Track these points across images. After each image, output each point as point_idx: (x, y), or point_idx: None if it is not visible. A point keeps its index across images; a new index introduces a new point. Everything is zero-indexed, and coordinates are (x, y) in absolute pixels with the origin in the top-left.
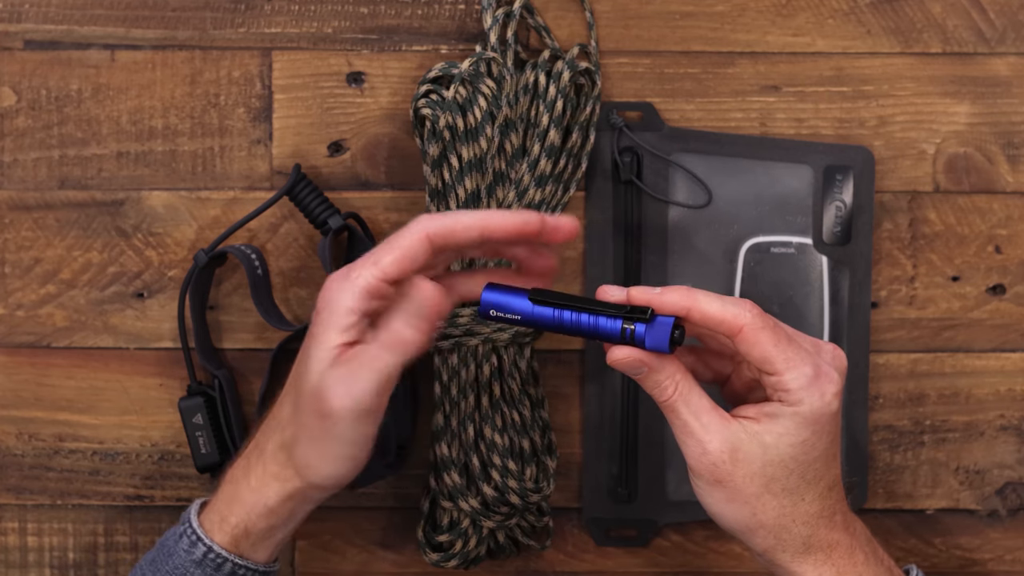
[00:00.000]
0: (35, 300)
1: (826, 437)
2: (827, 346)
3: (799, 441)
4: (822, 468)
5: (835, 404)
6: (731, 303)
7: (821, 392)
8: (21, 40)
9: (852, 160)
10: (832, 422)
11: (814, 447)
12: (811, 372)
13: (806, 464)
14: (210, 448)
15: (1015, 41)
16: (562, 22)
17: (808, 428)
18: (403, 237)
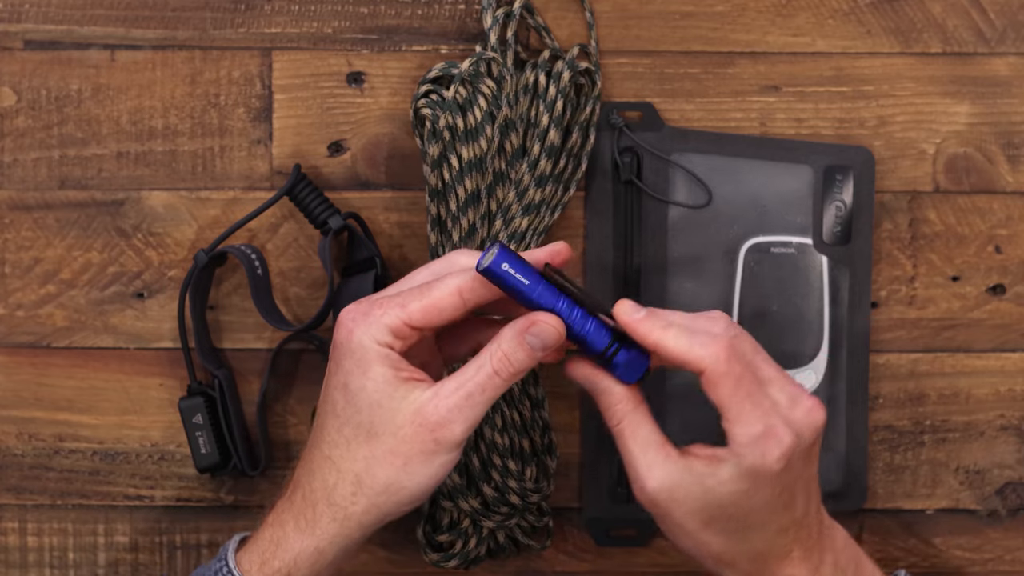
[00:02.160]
0: (35, 300)
1: (768, 490)
2: (805, 402)
3: (737, 490)
4: (767, 515)
5: (777, 465)
6: (700, 344)
7: (763, 452)
8: (21, 40)
9: (852, 160)
10: (775, 480)
11: (753, 497)
12: (759, 431)
13: (747, 511)
14: (210, 448)
15: (1015, 41)
16: (562, 22)
17: (747, 480)
18: (436, 288)
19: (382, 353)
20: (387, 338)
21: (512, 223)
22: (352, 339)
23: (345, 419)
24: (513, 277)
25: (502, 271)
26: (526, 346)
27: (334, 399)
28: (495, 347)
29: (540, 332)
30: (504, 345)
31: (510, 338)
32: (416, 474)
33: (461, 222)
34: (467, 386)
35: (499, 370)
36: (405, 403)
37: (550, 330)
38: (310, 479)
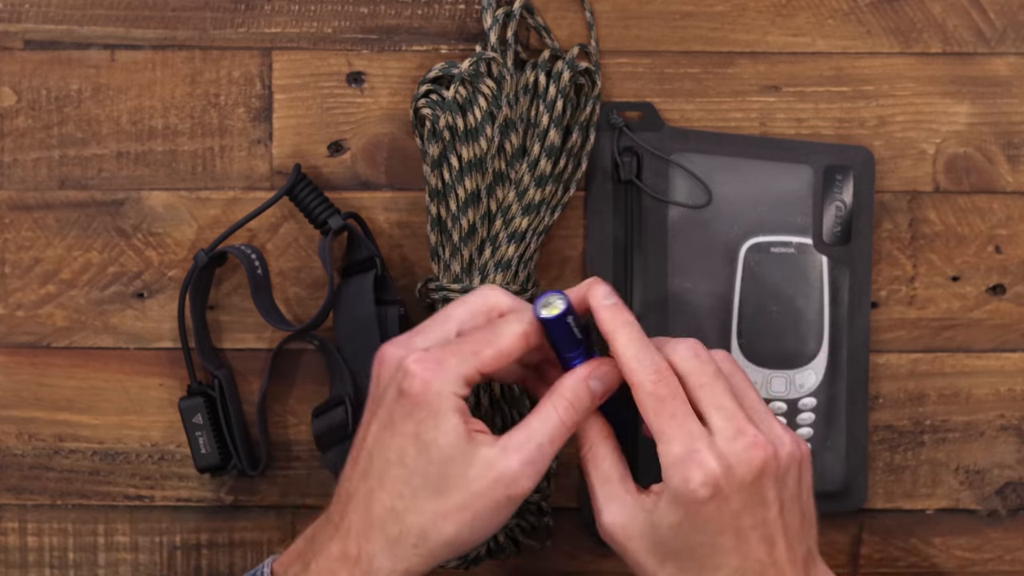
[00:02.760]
0: (35, 300)
1: (706, 525)
2: (751, 438)
3: (674, 522)
4: (714, 555)
5: (702, 492)
6: (641, 356)
7: (684, 476)
8: (21, 40)
9: (852, 160)
10: (707, 511)
11: (692, 532)
12: (679, 453)
13: (692, 547)
14: (210, 448)
15: (1015, 41)
16: (562, 22)
17: (679, 510)
18: (504, 334)
19: (458, 405)
20: (462, 389)
21: (512, 223)
22: (429, 390)
23: (414, 470)
24: (571, 329)
25: (565, 323)
26: (589, 392)
27: (402, 448)
28: (557, 398)
29: (603, 376)
30: (568, 394)
31: (573, 386)
32: (482, 529)
33: (461, 222)
34: (536, 439)
35: (566, 420)
36: (476, 457)
37: (613, 373)
38: (367, 529)
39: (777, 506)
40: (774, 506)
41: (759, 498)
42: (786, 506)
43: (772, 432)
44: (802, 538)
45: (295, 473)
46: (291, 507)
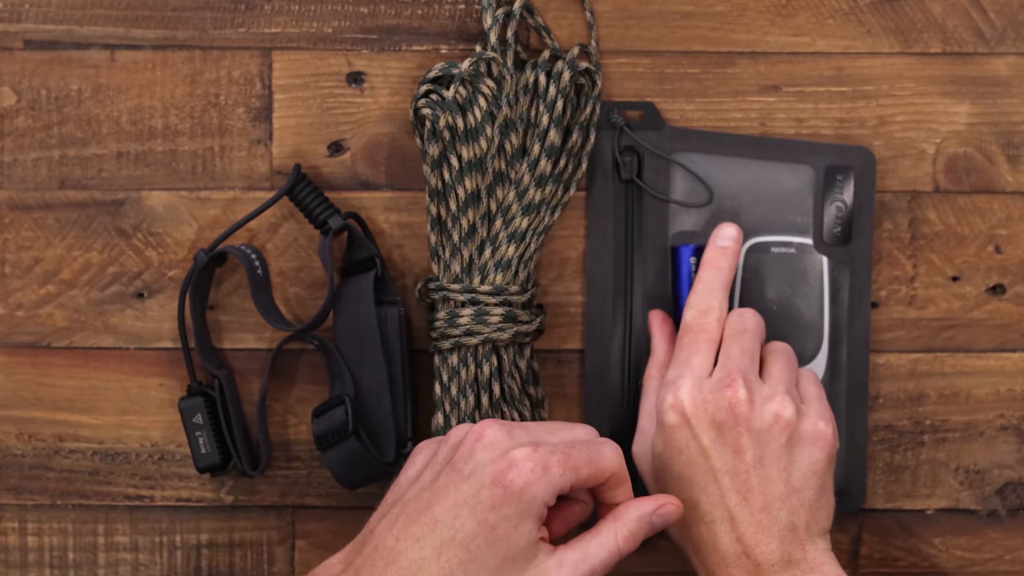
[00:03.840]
0: (35, 300)
1: (681, 455)
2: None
3: (660, 450)
4: (689, 487)
5: (669, 416)
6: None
7: (662, 396)
8: (21, 40)
9: (852, 160)
10: (681, 443)
11: (671, 460)
12: (671, 376)
13: (674, 476)
14: (210, 448)
15: (1015, 41)
16: (562, 22)
17: (660, 436)
18: (604, 457)
19: (543, 514)
20: (553, 500)
21: (512, 223)
22: (529, 491)
23: (475, 557)
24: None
25: (688, 261)
26: (650, 527)
27: (475, 533)
28: (620, 526)
29: (667, 514)
30: (631, 525)
31: (637, 519)
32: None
33: (461, 222)
34: (591, 561)
35: (623, 549)
36: (532, 564)
37: (676, 512)
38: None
39: (752, 460)
40: (748, 459)
41: (732, 445)
42: (766, 466)
43: (771, 390)
44: (784, 508)
45: (295, 473)
46: (291, 507)
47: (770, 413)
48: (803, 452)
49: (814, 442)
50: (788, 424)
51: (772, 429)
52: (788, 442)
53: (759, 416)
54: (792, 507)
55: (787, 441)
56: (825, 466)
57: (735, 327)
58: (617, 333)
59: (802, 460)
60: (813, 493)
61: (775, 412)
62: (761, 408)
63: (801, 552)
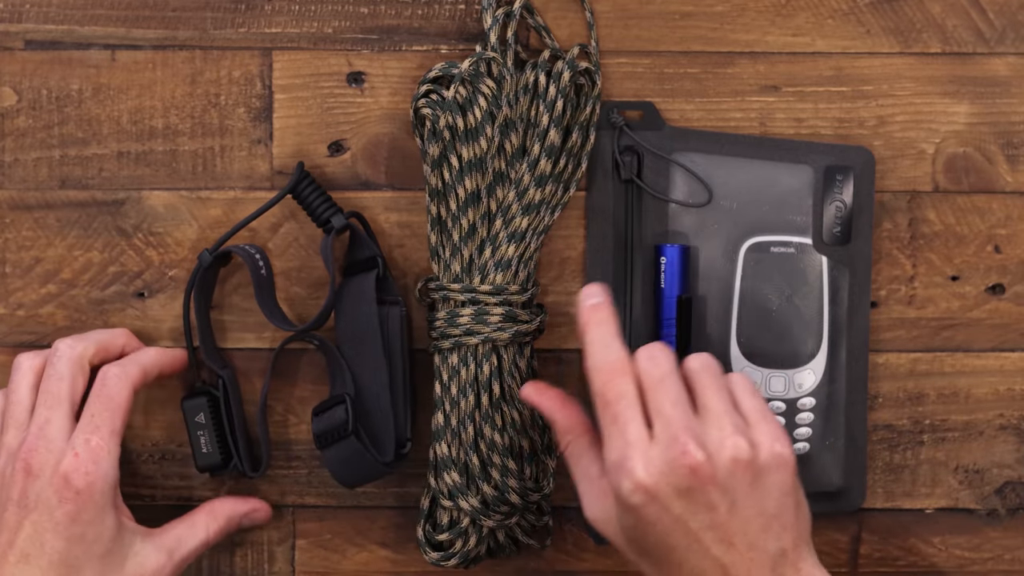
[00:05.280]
0: (36, 300)
1: (654, 528)
2: (682, 446)
3: (628, 524)
4: (669, 552)
5: (633, 499)
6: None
7: (617, 482)
8: (22, 40)
9: (852, 160)
10: (652, 516)
11: (644, 533)
12: (614, 459)
13: (652, 546)
14: (211, 448)
15: (1014, 41)
16: (562, 22)
17: (626, 514)
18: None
19: (116, 494)
20: (117, 471)
21: (512, 223)
22: (93, 488)
23: (77, 568)
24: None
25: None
26: (239, 526)
27: (65, 550)
28: (212, 521)
29: (257, 519)
30: (222, 521)
31: (228, 517)
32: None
33: (461, 222)
34: (185, 548)
35: (211, 540)
36: (132, 552)
37: (265, 517)
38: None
39: (726, 510)
40: (722, 510)
41: (703, 503)
42: (741, 509)
43: (719, 432)
44: (769, 537)
45: (295, 473)
46: (291, 507)
47: (728, 459)
48: (770, 480)
49: (777, 468)
50: (749, 464)
51: (735, 474)
52: (753, 479)
53: (720, 468)
54: (776, 534)
55: (752, 479)
56: (792, 483)
57: (652, 376)
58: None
59: (771, 488)
60: (791, 513)
61: (732, 458)
62: (719, 458)
63: (795, 573)
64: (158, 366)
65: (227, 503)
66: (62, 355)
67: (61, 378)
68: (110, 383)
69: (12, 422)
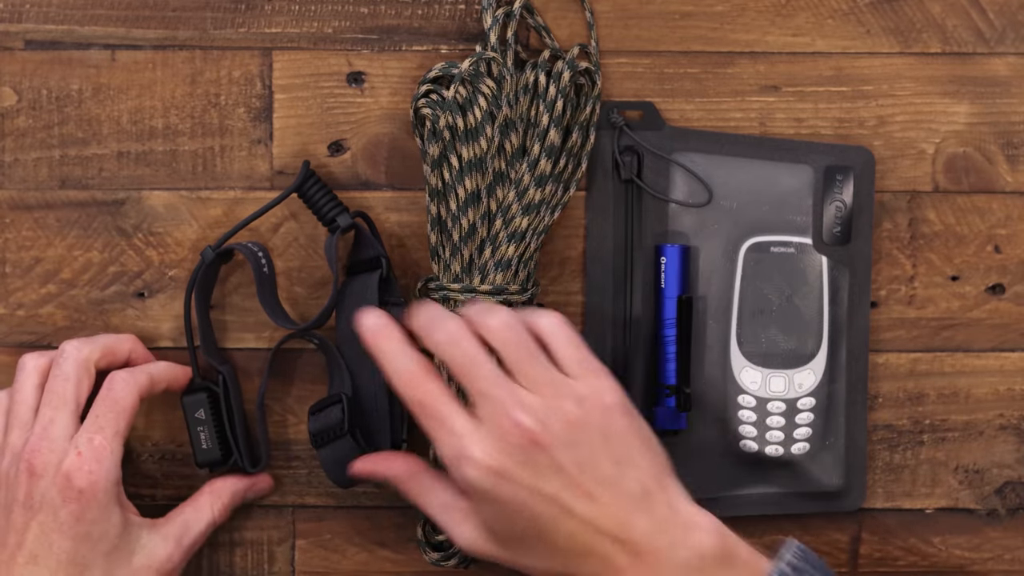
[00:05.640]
0: (36, 300)
1: (514, 505)
2: (511, 416)
3: (491, 515)
4: (542, 527)
5: (484, 483)
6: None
7: (462, 476)
8: (22, 40)
9: (852, 160)
10: (508, 495)
11: (510, 517)
12: (449, 455)
13: (523, 529)
14: (211, 444)
15: (1014, 41)
16: (562, 22)
17: (484, 504)
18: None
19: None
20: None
21: (512, 223)
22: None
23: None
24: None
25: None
26: (243, 499)
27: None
28: (216, 499)
29: (260, 490)
30: (226, 498)
31: (232, 493)
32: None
33: (461, 222)
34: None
35: (218, 519)
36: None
37: (267, 488)
38: None
39: (575, 467)
40: (572, 466)
41: (550, 467)
42: (587, 463)
43: (543, 400)
44: (628, 481)
45: (295, 473)
46: (291, 507)
47: (560, 423)
48: (608, 428)
49: (610, 415)
50: (580, 420)
51: (571, 433)
52: (591, 433)
53: (554, 430)
54: (634, 476)
55: (590, 432)
56: (632, 424)
57: (459, 360)
58: (617, 333)
59: (612, 435)
60: (640, 452)
61: (564, 420)
62: (550, 422)
63: (670, 512)
64: (166, 379)
65: (228, 480)
66: (68, 356)
67: (67, 379)
68: (117, 387)
69: (16, 422)
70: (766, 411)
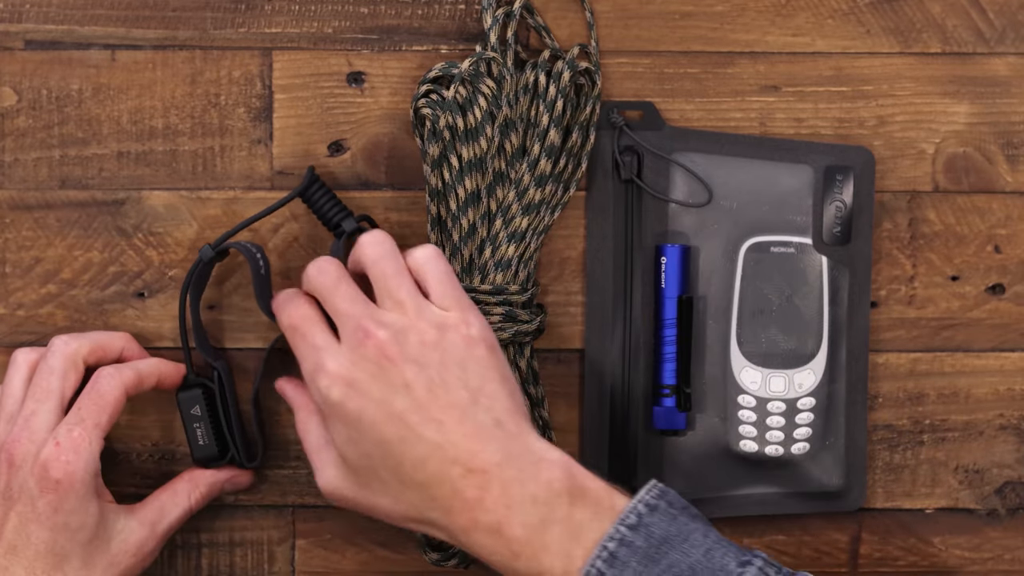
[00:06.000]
0: (36, 300)
1: (363, 424)
2: (365, 331)
3: (344, 440)
4: (390, 451)
5: (334, 394)
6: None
7: (317, 387)
8: (22, 40)
9: (852, 160)
10: (357, 412)
11: (360, 440)
12: (309, 367)
13: (375, 457)
14: (208, 440)
15: (1014, 41)
16: (562, 22)
17: (337, 426)
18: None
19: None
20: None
21: (512, 223)
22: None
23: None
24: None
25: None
26: (220, 491)
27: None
28: (194, 488)
29: (238, 483)
30: (203, 489)
31: (209, 484)
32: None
33: (461, 222)
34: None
35: (194, 507)
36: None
37: (245, 482)
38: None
39: (424, 388)
40: (420, 388)
41: (399, 382)
42: (438, 386)
43: (404, 318)
44: (479, 410)
45: (295, 473)
46: (291, 507)
47: (416, 342)
48: (465, 357)
49: (469, 346)
50: (436, 343)
51: (424, 353)
52: (446, 357)
53: (408, 346)
54: (486, 405)
55: (444, 357)
56: (492, 359)
57: (325, 285)
58: (617, 333)
59: (469, 364)
60: (496, 385)
61: (419, 340)
62: (404, 338)
63: (521, 447)
64: (156, 375)
65: (207, 471)
66: (56, 351)
67: (52, 372)
68: (102, 381)
69: (3, 415)
70: (766, 411)
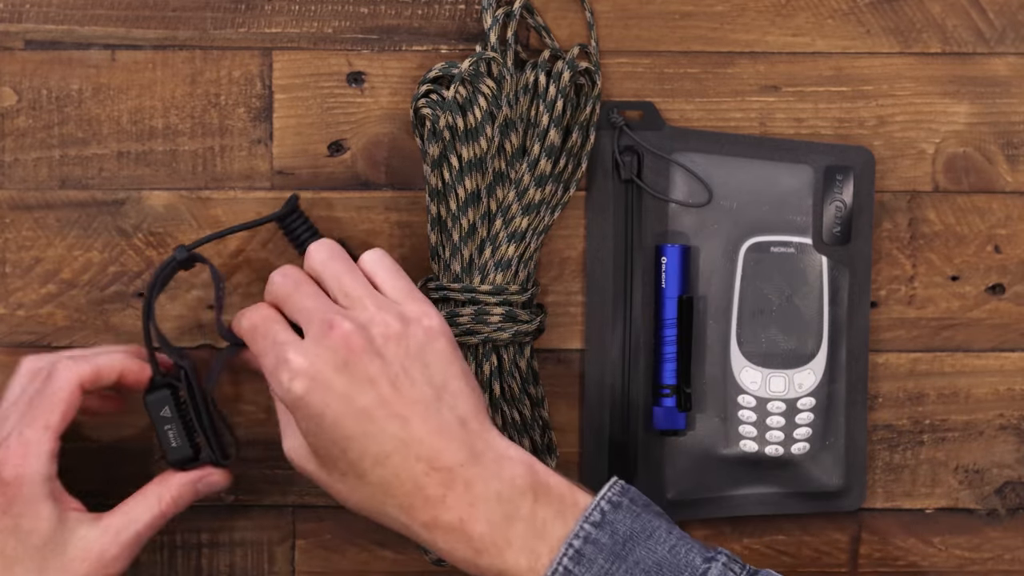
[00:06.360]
0: (36, 299)
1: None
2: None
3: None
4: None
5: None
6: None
7: (279, 381)
8: (22, 40)
9: (852, 160)
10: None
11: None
12: (269, 363)
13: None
14: (180, 441)
15: (1014, 41)
16: (562, 22)
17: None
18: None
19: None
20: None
21: (512, 223)
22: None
23: (12, 560)
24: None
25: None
26: (195, 492)
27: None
28: (165, 491)
29: (213, 483)
30: (175, 490)
31: (181, 484)
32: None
33: (461, 222)
34: (136, 525)
35: (167, 512)
36: (74, 538)
37: (221, 481)
38: None
39: (388, 383)
40: (384, 384)
41: (363, 376)
42: (403, 382)
43: (365, 313)
44: (443, 407)
45: (295, 473)
46: (291, 507)
47: (379, 335)
48: (428, 351)
49: (431, 339)
50: (400, 336)
51: (389, 347)
52: (409, 352)
53: (372, 338)
54: (450, 403)
55: (408, 351)
56: (452, 353)
57: (286, 288)
58: (617, 333)
59: (432, 359)
60: (459, 381)
61: (382, 334)
62: (369, 331)
63: (484, 444)
64: (116, 370)
65: (177, 473)
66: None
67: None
68: (55, 377)
69: None
70: (766, 411)
